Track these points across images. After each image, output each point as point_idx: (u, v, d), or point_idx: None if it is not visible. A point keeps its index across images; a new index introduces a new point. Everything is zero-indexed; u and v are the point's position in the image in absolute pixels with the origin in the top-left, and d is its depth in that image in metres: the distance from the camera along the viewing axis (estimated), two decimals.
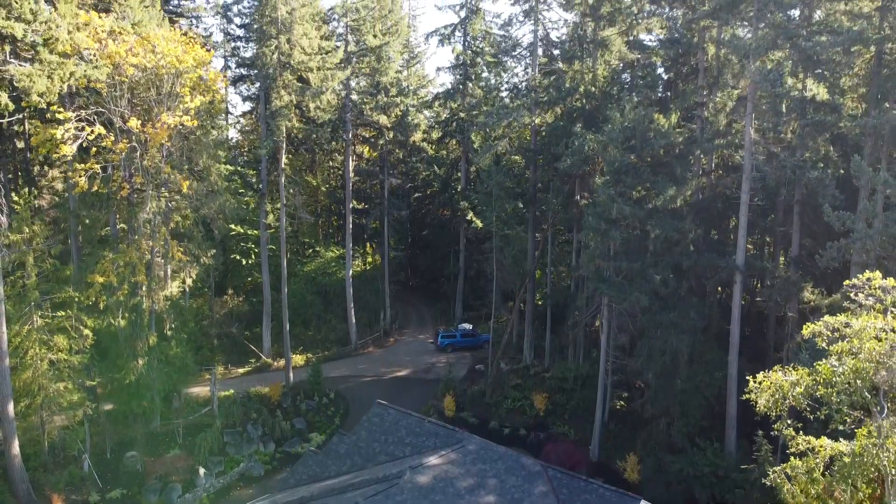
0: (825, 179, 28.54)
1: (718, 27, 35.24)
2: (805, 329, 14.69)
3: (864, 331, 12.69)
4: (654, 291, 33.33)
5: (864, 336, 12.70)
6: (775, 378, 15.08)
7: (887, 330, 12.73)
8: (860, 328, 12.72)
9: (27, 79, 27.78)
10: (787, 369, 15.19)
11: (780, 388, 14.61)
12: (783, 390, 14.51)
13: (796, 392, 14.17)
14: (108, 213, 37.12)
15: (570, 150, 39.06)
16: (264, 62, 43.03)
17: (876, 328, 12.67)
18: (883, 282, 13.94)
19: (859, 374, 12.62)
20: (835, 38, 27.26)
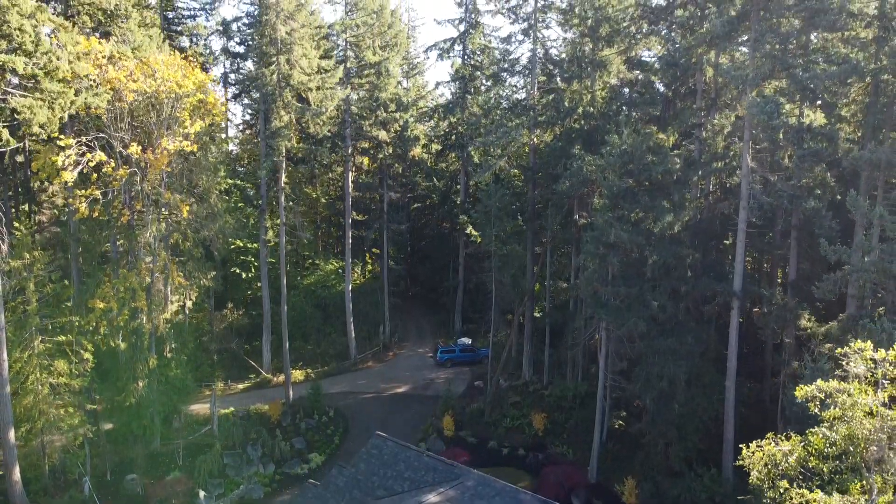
0: (822, 210, 28.72)
1: (716, 53, 35.41)
2: (798, 392, 14.86)
3: (856, 406, 12.85)
4: (652, 317, 33.50)
5: (855, 411, 12.87)
6: (768, 449, 15.24)
7: (878, 405, 12.88)
8: (852, 404, 12.88)
9: (28, 111, 27.92)
10: (780, 438, 15.37)
11: (773, 458, 14.77)
12: (776, 459, 14.68)
13: (790, 461, 14.33)
14: (109, 236, 37.28)
15: (569, 173, 39.26)
16: (264, 82, 43.20)
17: (866, 405, 12.83)
18: (873, 353, 14.10)
19: (852, 440, 12.78)
20: (831, 71, 27.43)
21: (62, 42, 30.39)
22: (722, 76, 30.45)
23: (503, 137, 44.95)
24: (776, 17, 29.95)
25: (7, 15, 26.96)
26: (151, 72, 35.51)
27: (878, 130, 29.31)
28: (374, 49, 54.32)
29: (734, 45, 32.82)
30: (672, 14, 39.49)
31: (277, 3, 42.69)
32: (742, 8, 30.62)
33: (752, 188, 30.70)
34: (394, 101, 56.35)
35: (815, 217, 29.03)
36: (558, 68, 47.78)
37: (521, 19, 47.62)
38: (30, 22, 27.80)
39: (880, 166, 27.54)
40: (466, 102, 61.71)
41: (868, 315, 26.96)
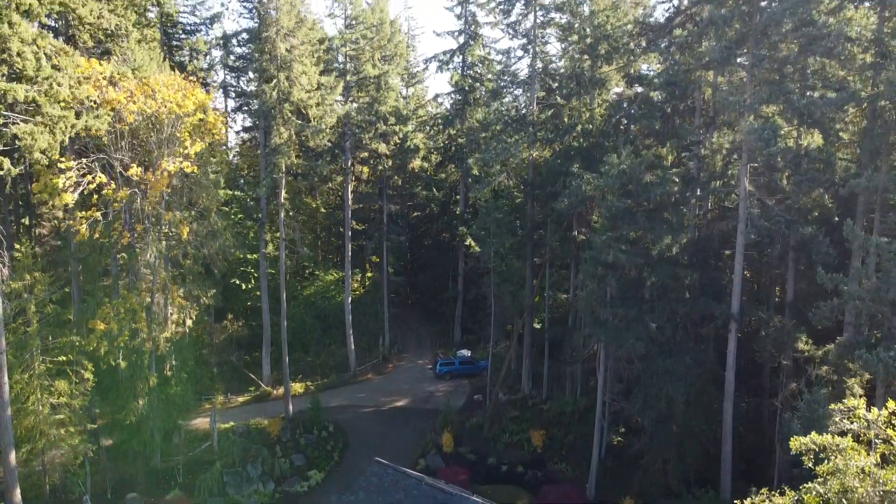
0: (819, 235, 28.85)
1: (714, 73, 35.54)
2: (793, 443, 14.98)
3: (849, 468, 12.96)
4: (651, 338, 33.64)
5: (848, 473, 12.98)
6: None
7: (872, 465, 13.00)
8: (844, 466, 12.99)
9: (29, 137, 28.05)
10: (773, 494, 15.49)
11: None
12: None
13: None
14: (109, 255, 37.41)
15: (568, 192, 39.38)
16: (264, 99, 43.30)
17: (858, 467, 12.94)
18: (866, 413, 14.23)
19: (846, 494, 12.89)
20: (828, 99, 27.57)
21: (63, 66, 30.49)
22: (720, 101, 30.51)
23: (502, 153, 45.11)
24: (773, 42, 30.07)
25: (8, 42, 27.06)
26: (151, 92, 35.63)
27: (876, 155, 29.44)
28: (374, 62, 54.43)
29: (733, 65, 32.88)
30: (671, 33, 39.58)
31: (277, 20, 42.84)
32: (740, 31, 30.73)
33: (749, 212, 30.82)
34: (394, 114, 56.47)
35: (813, 242, 29.17)
36: (557, 84, 47.85)
37: (520, 35, 47.78)
38: (30, 48, 27.91)
39: (877, 193, 27.67)
40: (466, 114, 61.86)
41: (865, 342, 27.11)
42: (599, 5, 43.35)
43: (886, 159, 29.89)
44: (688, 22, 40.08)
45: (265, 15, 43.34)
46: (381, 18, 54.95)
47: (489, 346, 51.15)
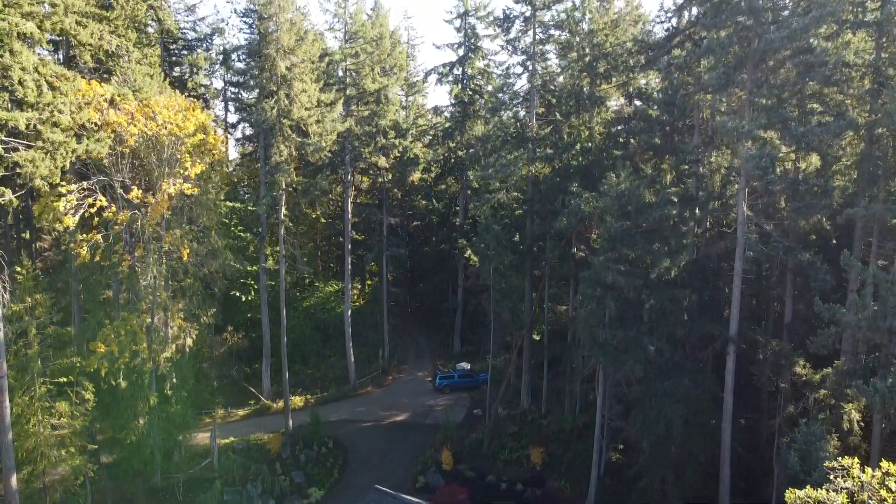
0: (816, 262, 28.98)
1: (713, 97, 35.67)
2: (788, 495, 15.12)
3: None
4: (649, 360, 33.78)
5: None
6: None
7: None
8: None
9: (30, 164, 28.18)
10: None
11: None
12: None
13: None
14: (110, 276, 37.53)
15: (567, 211, 39.55)
16: (264, 117, 43.41)
17: None
18: (860, 473, 14.34)
19: None
20: (826, 126, 27.70)
21: (64, 91, 30.61)
22: (718, 127, 30.64)
23: (502, 170, 45.20)
24: (772, 67, 30.19)
25: (10, 70, 27.19)
26: (152, 114, 35.76)
27: (874, 182, 29.56)
28: (374, 76, 54.55)
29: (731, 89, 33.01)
30: (670, 52, 39.70)
31: (277, 38, 42.97)
32: (738, 55, 30.85)
33: (747, 237, 30.94)
34: (393, 128, 56.61)
35: (811, 269, 29.29)
36: (556, 100, 48.00)
37: (519, 51, 47.88)
38: (31, 76, 28.03)
39: (874, 221, 27.80)
40: (466, 126, 62.02)
41: (862, 371, 27.25)
42: (598, 24, 43.52)
43: (884, 185, 30.03)
44: (686, 41, 40.17)
45: (265, 33, 43.46)
46: (380, 33, 55.09)
47: (489, 357, 51.23)
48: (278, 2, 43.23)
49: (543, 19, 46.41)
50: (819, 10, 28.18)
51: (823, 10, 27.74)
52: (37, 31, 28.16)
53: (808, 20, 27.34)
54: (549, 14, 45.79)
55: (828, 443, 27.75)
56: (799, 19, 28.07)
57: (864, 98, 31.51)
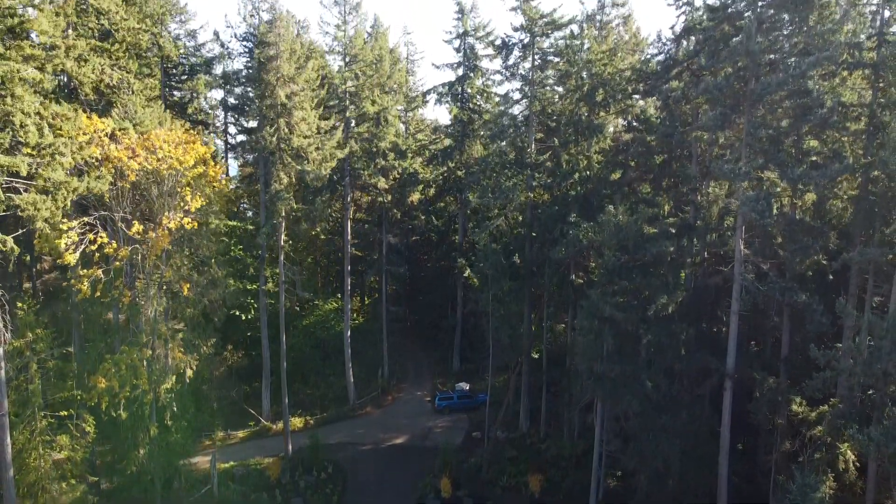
0: (812, 304, 29.18)
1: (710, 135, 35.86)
2: None
3: None
4: (647, 395, 33.97)
5: None
6: None
7: None
8: None
9: (32, 207, 28.35)
10: None
11: None
12: None
13: None
14: (110, 307, 37.72)
15: (566, 241, 39.79)
16: (264, 145, 43.59)
17: None
18: None
19: None
20: (822, 171, 27.89)
21: (66, 132, 30.80)
22: (715, 171, 30.85)
23: (500, 197, 45.42)
24: (768, 111, 30.38)
25: (12, 116, 27.38)
26: (153, 147, 35.95)
27: (870, 223, 29.76)
28: (374, 99, 54.74)
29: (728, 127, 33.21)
30: (668, 82, 39.89)
31: (278, 67, 43.15)
32: (735, 97, 31.04)
33: (744, 277, 31.14)
34: (393, 150, 56.80)
35: (807, 310, 29.50)
36: (555, 126, 48.19)
37: (518, 77, 48.08)
38: (33, 119, 28.21)
39: (870, 264, 27.99)
40: (465, 146, 62.20)
41: (857, 414, 27.45)
42: (596, 52, 43.70)
43: (880, 226, 30.24)
44: (684, 72, 40.37)
45: (265, 61, 43.62)
46: (380, 55, 55.26)
47: (488, 375, 51.25)
48: (278, 30, 43.43)
49: (542, 46, 46.59)
50: (816, 53, 28.36)
51: (820, 55, 27.92)
52: (38, 75, 28.32)
53: (804, 65, 27.53)
54: (548, 42, 45.97)
55: (823, 483, 27.98)
56: (797, 61, 28.26)
57: (860, 136, 31.72)
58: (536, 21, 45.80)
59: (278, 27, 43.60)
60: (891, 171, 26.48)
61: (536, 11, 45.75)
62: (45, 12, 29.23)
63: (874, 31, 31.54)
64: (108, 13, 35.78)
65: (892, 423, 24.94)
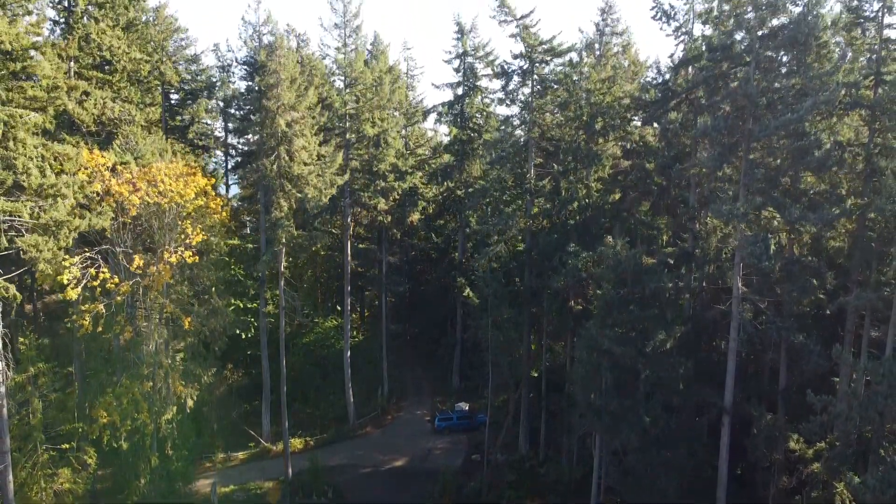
0: (809, 345, 29.40)
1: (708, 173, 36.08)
2: None
3: None
4: (645, 430, 34.17)
5: None
6: None
7: None
8: None
9: (34, 249, 28.52)
10: None
11: None
12: None
13: None
14: (111, 339, 37.92)
15: (565, 271, 40.03)
16: (264, 174, 43.77)
17: None
18: None
19: None
20: (819, 214, 28.09)
21: (68, 170, 30.99)
22: (712, 211, 31.07)
23: (499, 224, 45.62)
24: (766, 154, 30.60)
25: (14, 160, 27.55)
26: (154, 180, 36.13)
27: (866, 264, 29.97)
28: (374, 121, 54.96)
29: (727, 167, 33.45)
30: (666, 114, 40.10)
31: (278, 95, 43.32)
32: (733, 138, 31.25)
33: (741, 317, 31.34)
34: (393, 172, 57.01)
35: (804, 351, 29.71)
36: (554, 151, 48.40)
37: (518, 103, 48.29)
38: (35, 162, 28.38)
39: (867, 308, 28.20)
40: (465, 165, 62.43)
41: (853, 456, 27.67)
42: (595, 81, 43.89)
43: (876, 267, 30.45)
44: (683, 102, 40.57)
45: (266, 89, 43.81)
46: (379, 77, 55.46)
47: (487, 392, 51.31)
48: (279, 58, 43.58)
49: (541, 72, 46.78)
50: (814, 95, 28.57)
51: (818, 99, 28.13)
52: (40, 119, 28.50)
53: (802, 110, 27.74)
54: (548, 68, 46.17)
55: None
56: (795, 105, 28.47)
57: (858, 175, 31.93)
58: (536, 48, 46.01)
59: (279, 55, 43.76)
60: (887, 216, 26.69)
61: (536, 39, 45.96)
62: (48, 54, 29.41)
63: (871, 70, 31.77)
64: (111, 48, 35.92)
65: (889, 469, 25.18)
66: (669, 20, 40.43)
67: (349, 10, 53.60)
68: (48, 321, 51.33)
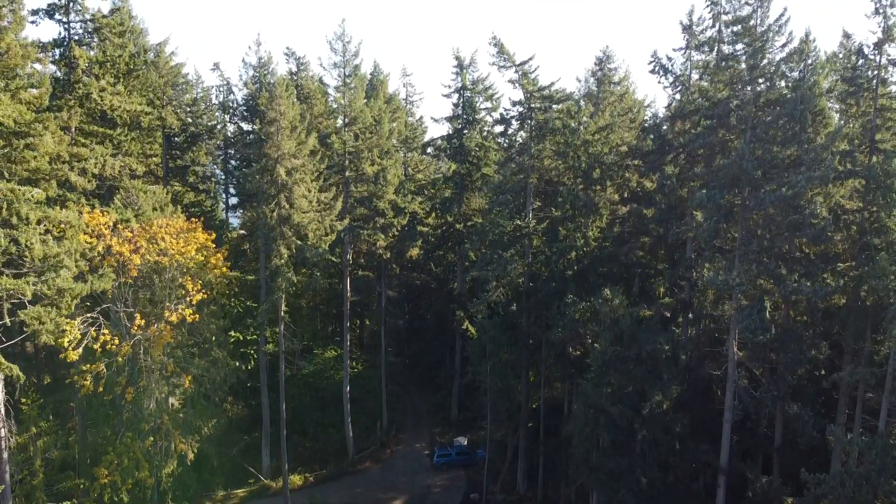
0: (804, 416, 29.70)
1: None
2: None
3: None
4: (641, 489, 34.48)
5: None
6: None
7: None
8: None
9: (36, 322, 28.78)
10: None
11: None
12: None
13: None
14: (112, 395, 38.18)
15: (563, 323, 40.35)
16: (264, 221, 44.03)
17: None
18: None
19: None
20: (815, 290, 28.39)
21: (69, 238, 31.23)
22: (708, 281, 31.38)
23: (498, 270, 45.87)
24: (762, 226, 30.89)
25: (19, 237, 27.82)
26: (154, 236, 36.41)
27: (860, 337, 30.27)
28: (373, 159, 55.24)
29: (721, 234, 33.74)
30: (663, 167, 40.42)
31: (278, 144, 43.57)
32: (728, 208, 31.55)
33: (736, 385, 31.66)
34: (392, 208, 57.29)
35: (798, 421, 30.02)
36: (552, 195, 48.70)
37: (516, 147, 48.60)
38: (37, 236, 28.63)
39: (860, 383, 28.52)
40: (463, 199, 62.73)
41: None
42: (592, 130, 44.20)
43: (871, 334, 30.74)
44: (680, 155, 40.90)
45: (266, 137, 44.07)
46: (379, 115, 55.75)
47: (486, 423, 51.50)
48: (280, 108, 43.84)
49: (540, 118, 47.04)
50: (809, 165, 28.87)
51: (812, 175, 28.44)
52: (43, 195, 28.77)
53: (797, 187, 28.04)
54: (545, 116, 46.43)
55: None
56: (789, 182, 28.76)
57: (852, 242, 32.23)
58: (534, 94, 46.28)
59: (278, 103, 44.01)
60: (880, 295, 27.00)
61: (534, 85, 46.21)
62: (51, 127, 29.68)
63: (866, 138, 32.08)
64: (114, 108, 36.21)
65: None
66: (667, 74, 40.74)
67: (349, 48, 53.88)
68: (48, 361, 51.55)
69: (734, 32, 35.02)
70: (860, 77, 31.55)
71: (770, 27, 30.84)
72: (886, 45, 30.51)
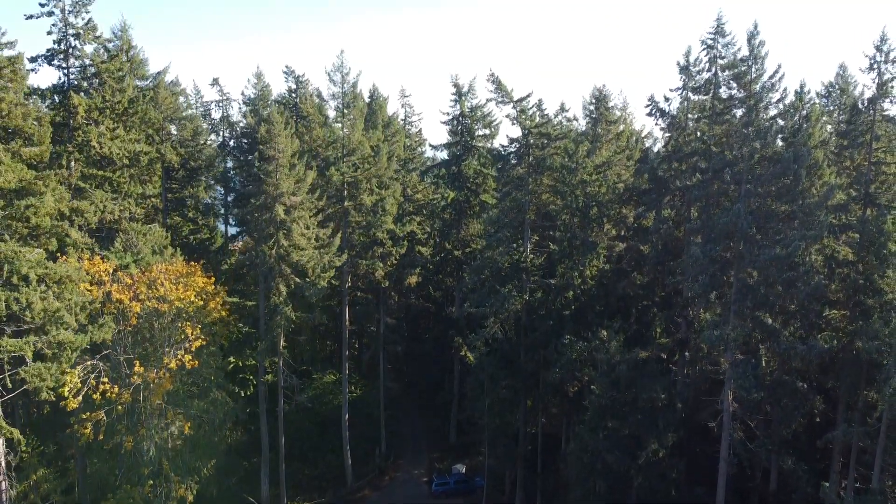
0: (798, 471, 29.97)
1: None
2: None
3: None
4: None
5: None
6: None
7: None
8: None
9: (37, 378, 29.01)
10: None
11: None
12: None
13: None
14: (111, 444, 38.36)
15: (560, 364, 40.63)
16: (263, 260, 44.23)
17: None
18: None
19: None
20: (809, 349, 28.66)
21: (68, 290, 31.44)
22: (703, 338, 31.65)
23: (495, 305, 46.08)
24: (756, 282, 31.15)
25: (20, 297, 28.02)
26: (153, 281, 36.59)
27: (854, 390, 30.53)
28: (372, 188, 55.44)
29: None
30: (661, 207, 40.69)
31: (277, 183, 43.80)
32: (724, 263, 31.80)
33: (732, 437, 31.90)
34: (391, 238, 57.50)
35: (792, 475, 30.28)
36: (550, 228, 48.93)
37: (514, 182, 48.77)
38: (38, 296, 28.84)
39: (853, 442, 28.77)
40: (461, 225, 62.97)
41: None
42: (589, 170, 44.44)
43: (864, 387, 31.00)
44: (675, 198, 41.17)
45: (265, 176, 44.25)
46: (377, 147, 55.95)
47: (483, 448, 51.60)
48: (278, 146, 44.04)
49: (537, 154, 47.27)
50: (802, 230, 29.11)
51: (807, 233, 28.69)
52: (43, 254, 28.98)
53: (791, 247, 28.29)
54: (543, 152, 46.67)
55: None
56: (783, 241, 29.00)
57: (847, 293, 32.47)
58: (532, 131, 46.48)
59: (277, 141, 44.20)
60: (872, 355, 27.26)
61: (532, 121, 46.44)
62: (52, 184, 29.89)
63: (860, 192, 32.35)
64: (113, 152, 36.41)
65: None
66: (663, 116, 41.01)
67: (347, 79, 54.13)
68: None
69: (729, 77, 35.37)
70: (854, 131, 31.82)
71: (764, 85, 31.10)
72: (880, 102, 30.78)
